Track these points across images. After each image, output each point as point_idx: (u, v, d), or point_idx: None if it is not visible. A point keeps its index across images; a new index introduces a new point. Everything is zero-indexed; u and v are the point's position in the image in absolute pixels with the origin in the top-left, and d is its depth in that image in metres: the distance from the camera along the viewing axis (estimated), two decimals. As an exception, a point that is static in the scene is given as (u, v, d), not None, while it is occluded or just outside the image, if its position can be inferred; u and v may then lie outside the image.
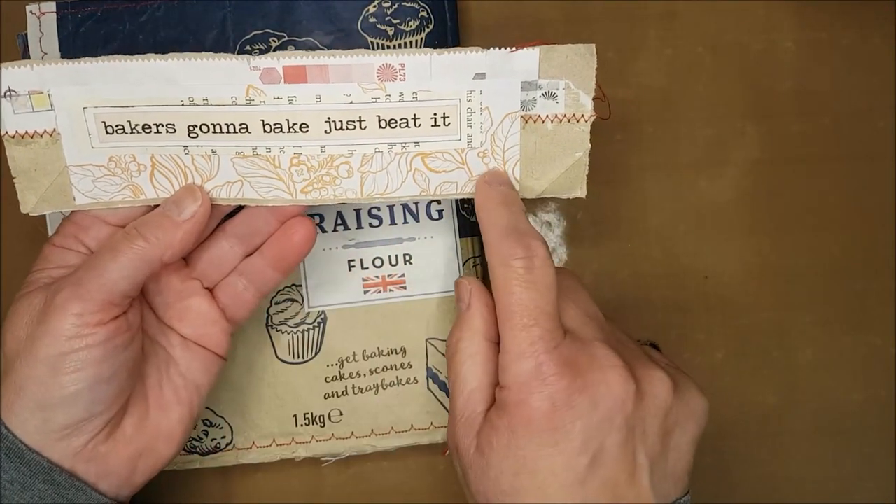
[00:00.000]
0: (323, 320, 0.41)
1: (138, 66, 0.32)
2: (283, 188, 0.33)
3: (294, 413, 0.41)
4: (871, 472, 0.43)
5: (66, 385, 0.30)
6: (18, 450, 0.30)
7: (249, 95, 0.32)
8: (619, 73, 0.43)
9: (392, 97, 0.33)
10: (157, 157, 0.33)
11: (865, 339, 0.43)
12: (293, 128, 0.33)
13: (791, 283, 0.43)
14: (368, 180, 0.34)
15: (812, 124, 0.43)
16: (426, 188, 0.34)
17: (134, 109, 0.32)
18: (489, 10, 0.43)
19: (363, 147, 0.33)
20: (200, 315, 0.35)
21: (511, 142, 0.34)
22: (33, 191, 0.33)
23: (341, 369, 0.41)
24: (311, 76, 0.32)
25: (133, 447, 0.33)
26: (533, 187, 0.34)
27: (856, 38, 0.43)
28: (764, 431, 0.43)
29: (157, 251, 0.32)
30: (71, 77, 0.32)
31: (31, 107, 0.32)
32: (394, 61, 0.32)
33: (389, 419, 0.41)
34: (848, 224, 0.43)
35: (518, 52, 0.32)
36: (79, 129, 0.33)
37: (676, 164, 0.43)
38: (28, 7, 0.40)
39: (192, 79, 0.32)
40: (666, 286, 0.43)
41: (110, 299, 0.31)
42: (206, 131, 0.33)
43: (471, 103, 0.33)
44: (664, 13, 0.43)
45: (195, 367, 0.35)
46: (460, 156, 0.34)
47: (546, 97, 0.33)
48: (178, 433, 0.34)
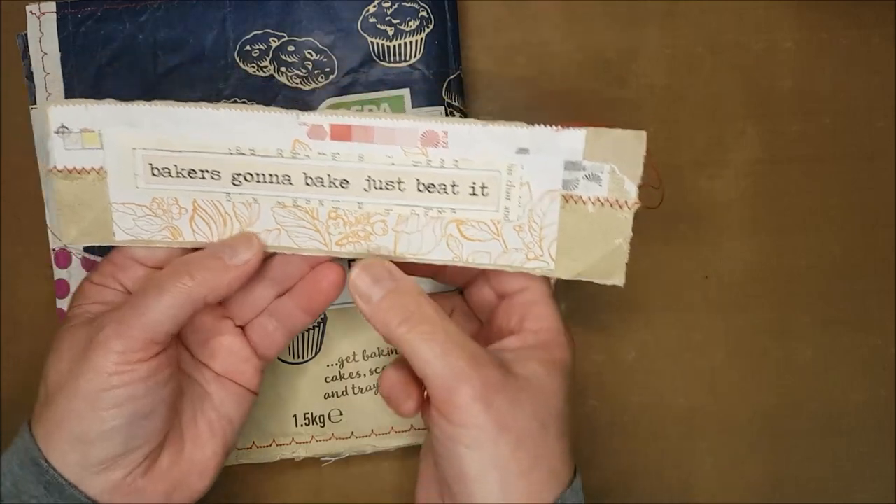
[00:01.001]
0: (323, 320, 0.41)
1: (190, 112, 0.33)
2: (319, 239, 0.34)
3: (294, 413, 0.41)
4: (871, 472, 0.43)
5: (105, 420, 0.30)
6: (58, 484, 0.31)
7: (295, 149, 0.33)
8: (619, 73, 0.43)
9: (433, 163, 0.33)
10: (199, 202, 0.34)
11: (865, 339, 0.43)
12: (334, 183, 0.33)
13: (791, 283, 0.43)
14: (402, 240, 0.34)
15: (812, 124, 0.43)
16: (459, 254, 0.34)
17: (182, 154, 0.33)
18: (489, 10, 0.43)
19: (400, 208, 0.33)
20: (233, 353, 0.36)
21: (549, 219, 0.33)
22: (75, 224, 0.34)
23: (341, 369, 0.41)
24: (356, 136, 0.33)
25: (169, 481, 0.33)
26: (569, 268, 0.33)
27: (856, 38, 0.43)
28: (764, 431, 0.43)
29: (202, 291, 0.32)
30: (123, 118, 0.33)
31: (81, 144, 0.33)
32: (438, 128, 0.32)
33: (389, 419, 0.41)
34: (848, 224, 0.43)
35: (564, 132, 0.32)
36: (126, 169, 0.33)
37: (676, 164, 0.43)
38: (28, 7, 0.40)
39: (242, 129, 0.33)
40: (666, 286, 0.43)
41: (153, 338, 0.31)
42: (250, 180, 0.33)
43: (511, 176, 0.33)
44: (664, 13, 0.43)
45: (228, 402, 0.35)
46: (496, 227, 0.33)
47: (589, 179, 0.32)
48: (211, 467, 0.34)
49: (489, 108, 0.43)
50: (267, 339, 0.36)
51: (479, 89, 0.43)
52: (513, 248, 0.34)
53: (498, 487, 0.30)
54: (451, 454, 0.31)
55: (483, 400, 0.30)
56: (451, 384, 0.30)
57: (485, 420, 0.30)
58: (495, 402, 0.30)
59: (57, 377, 0.31)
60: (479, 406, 0.30)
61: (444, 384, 0.30)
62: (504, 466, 0.30)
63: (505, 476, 0.30)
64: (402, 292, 0.32)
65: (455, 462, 0.31)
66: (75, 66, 0.41)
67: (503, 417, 0.30)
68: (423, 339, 0.31)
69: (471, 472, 0.30)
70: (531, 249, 0.33)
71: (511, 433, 0.30)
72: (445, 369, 0.30)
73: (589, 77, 0.43)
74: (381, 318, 0.32)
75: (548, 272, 0.34)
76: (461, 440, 0.30)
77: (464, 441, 0.30)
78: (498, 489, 0.30)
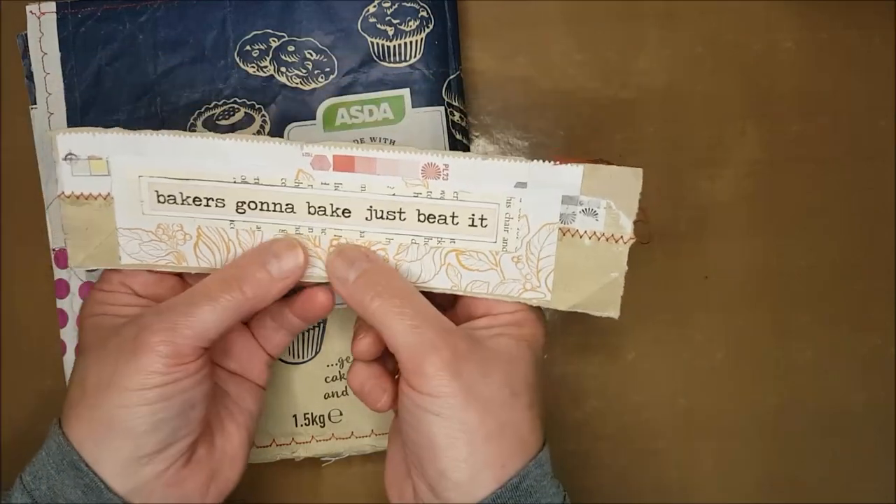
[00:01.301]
0: (323, 320, 0.41)
1: (196, 142, 0.33)
2: (320, 266, 0.35)
3: (294, 413, 0.41)
4: (871, 472, 0.43)
5: (157, 412, 0.31)
6: (97, 487, 0.31)
7: (299, 178, 0.34)
8: (619, 73, 0.43)
9: (433, 194, 0.34)
10: (203, 229, 0.34)
11: (865, 339, 0.43)
12: (336, 212, 0.34)
13: (791, 283, 0.43)
14: (402, 268, 0.35)
15: (812, 124, 0.43)
16: (457, 283, 0.35)
17: (188, 182, 0.34)
18: (489, 10, 0.43)
19: (400, 237, 0.34)
20: (243, 349, 0.37)
21: (546, 251, 0.34)
22: (82, 248, 0.35)
23: (341, 369, 0.41)
24: (359, 167, 0.34)
25: (206, 471, 0.34)
26: (565, 299, 0.34)
27: (856, 38, 0.43)
28: (764, 431, 0.43)
29: (251, 305, 0.33)
30: (130, 147, 0.33)
31: (89, 171, 0.34)
32: (439, 161, 0.33)
33: (389, 419, 0.41)
34: (848, 224, 0.43)
35: (562, 167, 0.33)
36: (132, 196, 0.34)
37: (676, 164, 0.43)
38: (28, 7, 0.40)
39: (247, 159, 0.34)
40: (666, 286, 0.43)
41: (200, 343, 0.32)
42: (254, 208, 0.34)
43: (510, 209, 0.34)
44: (664, 13, 0.43)
45: (244, 397, 0.37)
46: (494, 258, 0.34)
47: (586, 213, 0.33)
48: (240, 456, 0.35)
49: (489, 108, 0.43)
50: (272, 337, 0.37)
51: (479, 89, 0.43)
52: (510, 279, 0.34)
53: (465, 453, 0.31)
54: (419, 422, 0.31)
55: (451, 368, 0.31)
56: (420, 354, 0.31)
57: (453, 388, 0.31)
58: (464, 371, 0.31)
59: (99, 378, 0.32)
60: (448, 374, 0.31)
61: (413, 354, 0.31)
62: (471, 432, 0.31)
63: (472, 441, 0.31)
64: (375, 271, 0.33)
65: (424, 430, 0.31)
66: (75, 66, 0.41)
67: (471, 385, 0.31)
68: (395, 313, 0.32)
69: (439, 439, 0.31)
70: (528, 280, 0.34)
71: (479, 401, 0.31)
72: (415, 339, 0.31)
73: (589, 77, 0.43)
74: (357, 297, 0.33)
75: (544, 303, 0.35)
76: (430, 408, 0.31)
77: (432, 409, 0.31)
78: (465, 454, 0.31)
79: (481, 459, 0.31)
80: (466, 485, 0.31)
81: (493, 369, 0.32)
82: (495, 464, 0.31)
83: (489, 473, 0.31)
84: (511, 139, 0.43)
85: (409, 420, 0.32)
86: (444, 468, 0.31)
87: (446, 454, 0.31)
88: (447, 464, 0.31)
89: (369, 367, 0.35)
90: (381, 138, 0.41)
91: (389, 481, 0.36)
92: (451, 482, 0.31)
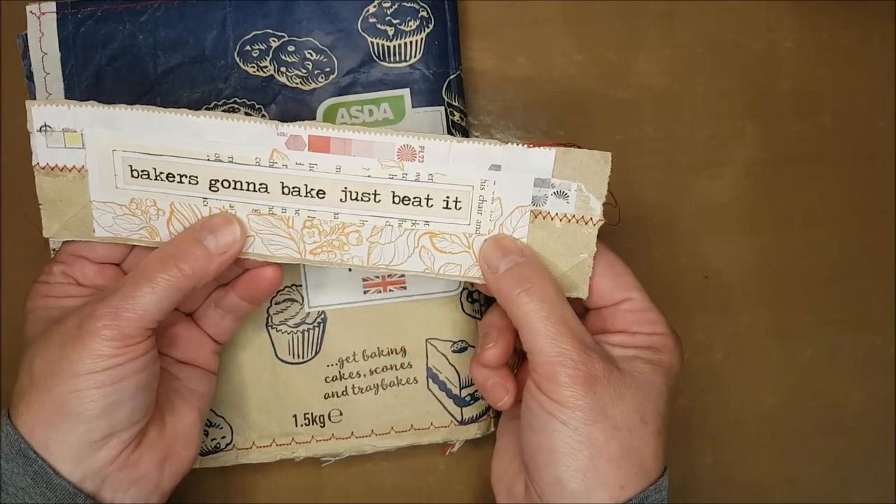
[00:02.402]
0: (323, 320, 0.41)
1: (170, 118, 0.33)
2: (293, 247, 0.35)
3: (294, 413, 0.41)
4: (871, 472, 0.43)
5: (110, 395, 0.32)
6: (46, 474, 0.31)
7: (273, 158, 0.34)
8: (619, 73, 0.43)
9: (409, 176, 0.34)
10: (176, 205, 0.35)
11: (865, 339, 0.43)
12: (310, 193, 0.34)
13: (791, 283, 0.43)
14: (376, 250, 0.35)
15: (812, 124, 0.43)
16: (430, 266, 0.35)
17: (161, 158, 0.34)
18: (489, 10, 0.43)
19: (375, 219, 0.34)
20: (188, 339, 0.37)
21: (519, 234, 0.34)
22: (57, 219, 0.35)
23: (341, 369, 0.41)
24: (335, 147, 0.34)
25: (158, 451, 0.34)
26: None
27: (856, 38, 0.43)
28: (764, 431, 0.43)
29: (191, 282, 0.33)
30: (104, 120, 0.34)
31: (63, 143, 0.34)
32: (415, 143, 0.33)
33: (389, 419, 0.41)
34: (848, 224, 0.43)
35: (534, 150, 0.33)
36: (106, 170, 0.34)
37: (676, 164, 0.43)
38: (28, 7, 0.40)
39: (221, 136, 0.34)
40: (666, 286, 0.43)
41: (145, 325, 0.32)
42: (227, 187, 0.34)
43: (483, 192, 0.34)
44: (664, 13, 0.43)
45: (193, 380, 0.37)
46: (467, 240, 0.35)
47: (557, 196, 0.34)
48: (193, 435, 0.36)
49: (489, 108, 0.43)
50: (217, 326, 0.38)
51: (479, 89, 0.43)
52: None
53: (585, 465, 0.31)
54: (544, 427, 0.32)
55: (586, 383, 0.31)
56: (557, 363, 0.31)
57: (585, 402, 0.31)
58: (598, 389, 0.31)
59: (47, 366, 0.32)
60: (581, 388, 0.31)
61: (550, 362, 0.31)
62: (595, 448, 0.31)
63: (594, 457, 0.31)
64: (527, 266, 0.34)
65: (547, 434, 0.32)
66: (75, 66, 0.41)
67: (603, 405, 0.31)
68: (540, 317, 0.32)
69: (561, 446, 0.31)
70: None
71: (608, 422, 0.31)
72: (554, 349, 0.31)
73: (589, 77, 0.43)
74: (504, 289, 0.33)
75: None
76: (557, 415, 0.31)
77: (560, 416, 0.31)
78: (585, 466, 0.31)
79: (600, 476, 0.31)
80: (581, 495, 0.31)
81: (626, 393, 0.32)
82: (614, 484, 0.31)
83: (605, 492, 0.31)
84: (511, 139, 0.43)
85: (533, 422, 0.32)
86: (560, 475, 0.31)
87: (565, 462, 0.31)
88: (565, 472, 0.31)
89: (490, 368, 0.35)
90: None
91: (497, 476, 0.36)
92: (567, 490, 0.31)
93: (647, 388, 0.33)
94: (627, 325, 0.34)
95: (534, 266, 0.34)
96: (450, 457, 0.43)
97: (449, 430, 0.41)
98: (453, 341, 0.41)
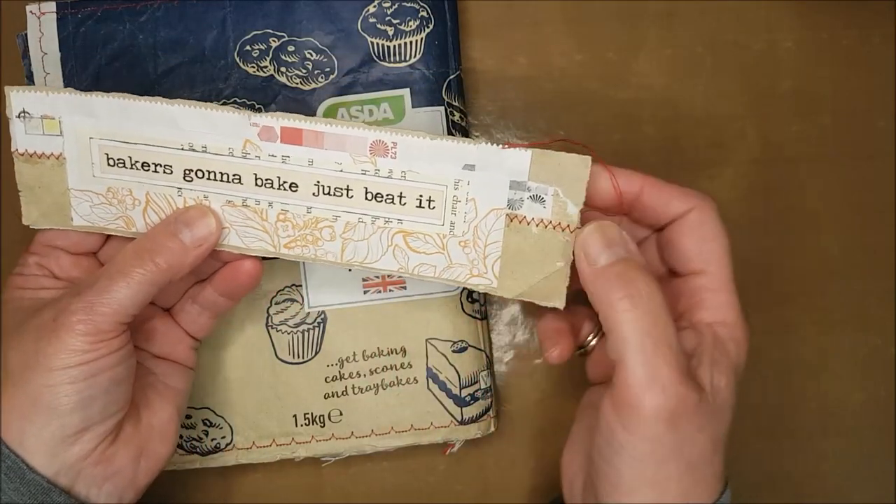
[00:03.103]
0: (323, 320, 0.41)
1: (146, 106, 0.33)
2: (267, 240, 0.35)
3: (294, 413, 0.41)
4: (871, 472, 0.43)
5: (83, 389, 0.31)
6: (19, 469, 0.31)
7: (246, 149, 0.34)
8: (619, 73, 0.43)
9: (381, 172, 0.33)
10: (151, 195, 0.34)
11: (865, 339, 0.43)
12: (283, 186, 0.34)
13: (791, 283, 0.43)
14: (349, 247, 0.34)
15: (812, 124, 0.43)
16: (405, 266, 0.34)
17: (136, 147, 0.34)
18: (489, 10, 0.43)
19: (347, 215, 0.34)
20: (165, 335, 0.37)
21: (493, 237, 0.33)
22: (35, 205, 0.35)
23: (341, 369, 0.41)
24: (307, 140, 0.33)
25: (134, 447, 0.34)
26: (511, 287, 0.34)
27: (856, 38, 0.43)
28: (764, 431, 0.43)
29: (167, 276, 0.33)
30: (82, 108, 0.33)
31: (41, 130, 0.34)
32: (387, 138, 0.33)
33: (389, 419, 0.41)
34: (848, 224, 0.43)
35: (509, 150, 0.32)
36: (83, 157, 0.34)
37: (676, 164, 0.43)
38: (28, 7, 0.40)
39: (195, 126, 0.33)
40: (666, 286, 0.43)
41: (120, 319, 0.32)
42: (201, 177, 0.34)
43: (457, 192, 0.33)
44: (664, 13, 0.43)
45: (170, 375, 0.37)
46: (441, 241, 0.34)
47: (533, 200, 0.33)
48: (169, 431, 0.35)
49: (489, 108, 0.43)
50: (194, 323, 0.38)
51: (479, 89, 0.43)
52: (457, 263, 0.34)
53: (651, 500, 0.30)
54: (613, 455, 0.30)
55: (670, 422, 0.29)
56: (645, 389, 0.28)
57: (665, 441, 0.29)
58: (681, 426, 0.29)
59: (21, 360, 0.32)
60: (664, 427, 0.29)
61: (639, 385, 0.29)
62: (665, 485, 0.29)
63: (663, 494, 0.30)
64: (633, 265, 0.30)
65: (615, 464, 0.30)
66: (75, 66, 0.41)
67: (683, 443, 0.29)
68: (641, 331, 0.29)
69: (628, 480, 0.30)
70: (475, 266, 0.34)
71: (684, 460, 0.29)
72: (648, 372, 0.29)
73: (589, 77, 0.43)
74: (601, 284, 0.30)
75: (491, 290, 0.34)
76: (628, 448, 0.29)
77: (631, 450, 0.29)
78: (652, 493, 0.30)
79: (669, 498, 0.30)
80: None
81: (708, 424, 0.30)
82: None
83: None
84: (511, 139, 0.43)
85: (602, 447, 0.30)
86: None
87: (630, 496, 0.30)
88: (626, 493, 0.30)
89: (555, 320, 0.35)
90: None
91: (566, 461, 0.35)
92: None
93: (724, 412, 0.31)
94: (691, 308, 0.32)
95: (640, 267, 0.30)
96: (450, 457, 0.43)
97: (449, 430, 0.41)
98: (453, 341, 0.41)
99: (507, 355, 0.43)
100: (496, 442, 0.43)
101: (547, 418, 0.43)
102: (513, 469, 0.43)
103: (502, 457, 0.43)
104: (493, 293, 0.34)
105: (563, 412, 0.43)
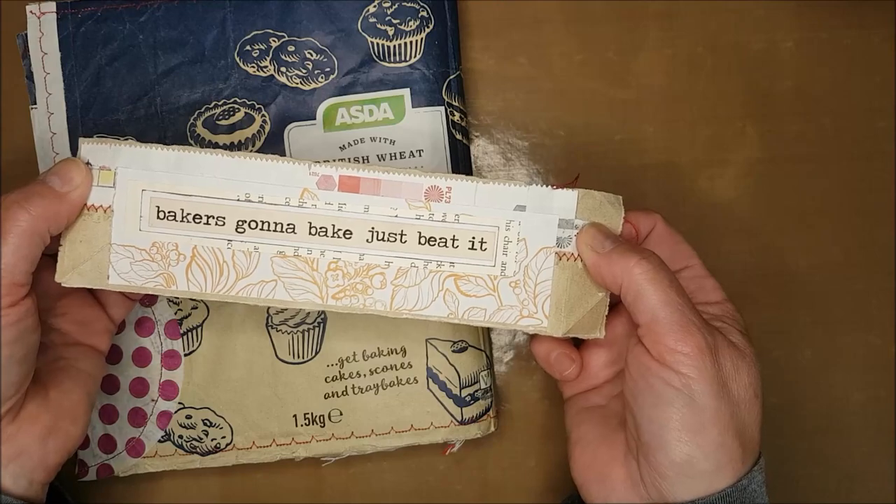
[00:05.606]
0: (323, 320, 0.41)
1: (205, 158, 0.33)
2: (315, 292, 0.35)
3: (294, 413, 0.41)
4: (871, 472, 0.43)
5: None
6: None
7: (303, 198, 0.34)
8: (619, 73, 0.43)
9: (435, 216, 0.34)
10: (198, 249, 0.34)
11: (865, 339, 0.43)
12: (337, 233, 0.34)
13: (791, 283, 0.43)
14: (399, 294, 0.35)
15: (812, 124, 0.43)
16: (454, 311, 0.35)
17: (190, 198, 0.34)
18: (489, 10, 0.43)
19: (400, 260, 0.34)
20: (80, 313, 0.36)
21: (543, 276, 0.34)
22: (71, 260, 0.34)
23: (341, 369, 0.41)
24: (364, 188, 0.34)
25: (40, 425, 0.33)
26: (559, 325, 0.35)
27: (856, 38, 0.43)
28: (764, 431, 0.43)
29: (44, 223, 0.32)
30: (139, 160, 0.33)
31: (96, 181, 0.33)
32: (442, 184, 0.34)
33: (389, 419, 0.41)
34: (848, 224, 0.43)
35: (558, 191, 0.34)
36: (132, 210, 0.34)
37: (676, 164, 0.43)
38: (28, 7, 0.40)
39: (253, 176, 0.34)
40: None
41: (13, 280, 0.31)
42: (255, 228, 0.34)
43: (509, 232, 0.34)
44: (664, 13, 0.43)
45: (82, 359, 0.36)
46: (492, 282, 0.35)
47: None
48: (80, 412, 0.35)
49: (489, 108, 0.43)
50: (119, 303, 0.37)
51: (479, 89, 0.43)
52: (507, 305, 0.35)
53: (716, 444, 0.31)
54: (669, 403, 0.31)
55: (713, 357, 0.31)
56: (683, 331, 0.31)
57: (713, 374, 0.31)
58: (721, 361, 0.31)
59: None
60: (710, 360, 0.31)
61: (675, 330, 0.31)
62: (724, 424, 0.31)
63: (723, 433, 0.31)
64: (633, 245, 0.34)
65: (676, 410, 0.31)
66: (75, 66, 0.41)
67: (727, 379, 0.31)
68: (663, 285, 0.32)
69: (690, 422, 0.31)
70: (525, 307, 0.35)
71: (731, 396, 0.31)
72: (679, 317, 0.31)
73: (589, 77, 0.43)
74: (616, 260, 0.33)
75: (540, 329, 0.35)
76: (683, 388, 0.31)
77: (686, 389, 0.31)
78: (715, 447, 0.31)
79: (728, 453, 0.31)
80: (710, 474, 0.31)
81: (741, 366, 0.32)
82: (736, 460, 0.31)
83: (731, 469, 0.31)
84: (511, 139, 0.43)
85: (650, 397, 0.32)
86: (691, 454, 0.31)
87: (696, 440, 0.31)
88: (695, 450, 0.31)
89: (552, 342, 0.36)
90: (382, 138, 0.41)
91: (583, 466, 0.36)
92: (696, 469, 0.31)
93: (753, 360, 0.33)
94: (691, 293, 0.34)
95: (636, 246, 0.33)
96: (450, 457, 0.43)
97: (449, 430, 0.41)
98: (453, 341, 0.41)
99: (507, 355, 0.43)
100: (496, 442, 0.43)
101: (547, 418, 0.43)
102: (513, 469, 0.43)
103: (502, 457, 0.43)
104: (543, 333, 0.35)
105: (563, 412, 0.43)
